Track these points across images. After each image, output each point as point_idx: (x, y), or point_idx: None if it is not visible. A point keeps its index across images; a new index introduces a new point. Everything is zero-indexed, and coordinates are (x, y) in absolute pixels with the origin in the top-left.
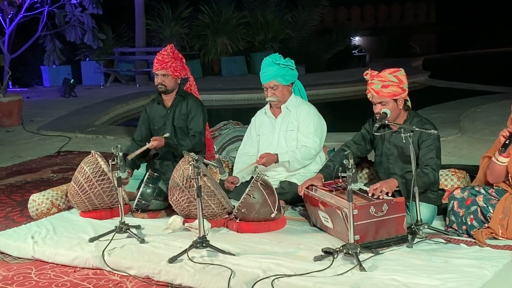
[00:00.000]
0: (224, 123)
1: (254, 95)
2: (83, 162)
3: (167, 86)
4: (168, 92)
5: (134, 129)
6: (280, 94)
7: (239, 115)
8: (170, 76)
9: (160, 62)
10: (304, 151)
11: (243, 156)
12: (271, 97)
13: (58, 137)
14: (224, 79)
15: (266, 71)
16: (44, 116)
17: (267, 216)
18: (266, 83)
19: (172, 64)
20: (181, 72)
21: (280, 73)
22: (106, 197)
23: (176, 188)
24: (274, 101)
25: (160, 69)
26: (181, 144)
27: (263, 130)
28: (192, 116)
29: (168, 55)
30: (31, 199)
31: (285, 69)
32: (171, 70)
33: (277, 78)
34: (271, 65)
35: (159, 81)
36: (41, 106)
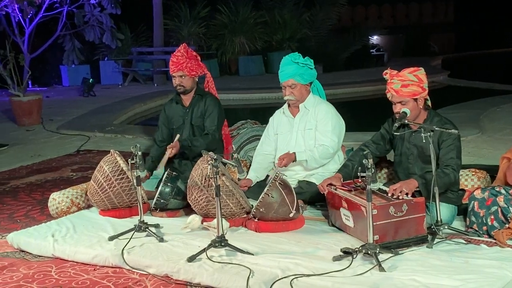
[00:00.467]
0: (242, 122)
1: (272, 94)
2: (102, 161)
3: (185, 86)
4: (187, 92)
5: (153, 129)
6: (298, 93)
7: (256, 115)
8: (187, 76)
9: (175, 64)
10: (322, 150)
11: (261, 155)
12: (289, 96)
13: (77, 136)
14: (241, 79)
15: (285, 70)
16: (63, 115)
17: (286, 216)
18: (285, 82)
19: (187, 64)
20: (197, 70)
21: (299, 72)
22: (125, 196)
23: (194, 187)
24: (292, 100)
25: (176, 71)
26: (194, 145)
27: (281, 129)
28: (208, 114)
29: (183, 55)
30: (51, 198)
31: (304, 68)
32: (188, 70)
33: (295, 77)
34: (290, 64)
35: (177, 83)
36: (60, 105)
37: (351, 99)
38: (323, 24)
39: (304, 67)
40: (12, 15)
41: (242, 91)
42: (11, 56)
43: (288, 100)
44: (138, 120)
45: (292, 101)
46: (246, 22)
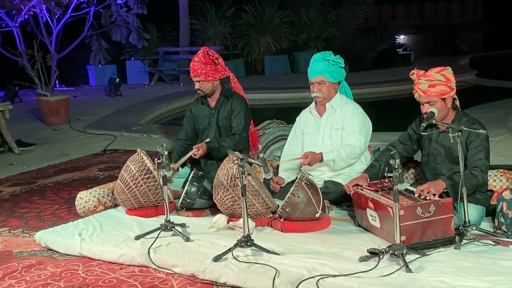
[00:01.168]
0: (268, 122)
1: (298, 94)
2: (129, 160)
3: (204, 91)
4: (209, 95)
5: (179, 128)
6: (326, 91)
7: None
8: (205, 82)
9: (192, 69)
10: (349, 150)
11: (288, 156)
12: (317, 92)
13: (104, 136)
14: (267, 78)
15: (315, 66)
16: (90, 115)
17: (312, 216)
18: (313, 78)
19: (202, 70)
20: (215, 75)
21: (329, 69)
22: (152, 195)
23: (220, 187)
24: (320, 97)
25: (194, 76)
26: (223, 146)
27: (308, 129)
28: (235, 114)
29: (199, 61)
30: (78, 197)
31: (334, 66)
32: (203, 76)
33: (325, 74)
34: (321, 61)
35: (197, 87)
36: (87, 105)
37: (378, 99)
38: (349, 23)
39: (335, 65)
40: (40, 15)
41: (267, 90)
42: (38, 56)
43: (315, 97)
44: (164, 120)
45: (319, 99)
46: (272, 21)
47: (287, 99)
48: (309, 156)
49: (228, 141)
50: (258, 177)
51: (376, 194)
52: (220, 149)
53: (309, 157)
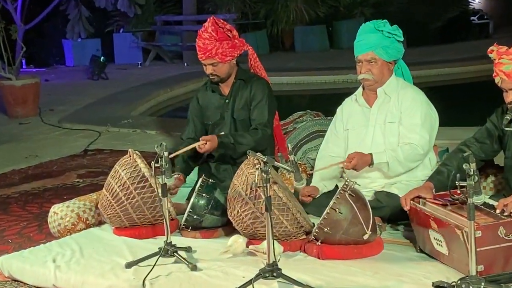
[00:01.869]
0: (300, 114)
1: (339, 77)
2: (118, 164)
3: (220, 75)
4: (224, 80)
5: (183, 122)
6: (377, 72)
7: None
8: (220, 63)
9: (203, 50)
10: (408, 150)
11: (326, 158)
12: (366, 74)
13: (85, 132)
14: (298, 56)
15: (364, 39)
16: (67, 104)
17: (358, 238)
18: (361, 55)
19: (218, 50)
20: (233, 53)
21: (383, 43)
22: (148, 209)
23: (237, 199)
24: (369, 80)
25: (205, 59)
26: (240, 142)
27: (353, 123)
28: (255, 104)
29: (211, 37)
30: (51, 212)
31: (389, 40)
32: (219, 57)
33: (377, 49)
34: (372, 32)
35: (210, 72)
36: (63, 92)
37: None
38: None
39: (390, 38)
40: None
41: (299, 72)
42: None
43: (363, 80)
44: (163, 111)
45: (368, 82)
46: None
47: (325, 83)
48: (355, 158)
49: (248, 137)
50: (287, 186)
51: (443, 209)
52: (236, 146)
53: (355, 160)
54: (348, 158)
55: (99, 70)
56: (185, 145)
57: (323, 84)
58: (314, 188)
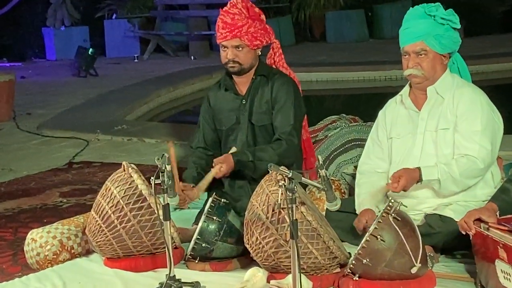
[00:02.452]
0: (333, 119)
1: (381, 73)
2: (110, 180)
3: (242, 63)
4: (245, 71)
5: (191, 128)
6: (428, 66)
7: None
8: (247, 48)
9: (229, 26)
10: (465, 163)
11: (368, 174)
12: (414, 69)
13: (70, 140)
14: (330, 47)
15: (412, 27)
16: (47, 106)
17: (405, 271)
18: (409, 46)
19: (248, 28)
20: (263, 38)
21: (435, 31)
22: (146, 236)
23: (256, 223)
24: (418, 76)
25: (230, 38)
26: (260, 158)
27: (397, 130)
28: (279, 107)
29: (241, 13)
30: (29, 238)
31: (444, 28)
32: (248, 38)
33: (428, 38)
34: (422, 18)
35: (230, 57)
36: (42, 91)
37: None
38: None
39: (445, 25)
40: None
41: (331, 67)
42: None
43: (410, 76)
44: (165, 115)
45: (416, 79)
46: None
47: (363, 81)
48: (403, 177)
49: (270, 150)
50: (317, 208)
51: (511, 236)
52: (256, 163)
53: (403, 180)
54: (394, 177)
55: (87, 64)
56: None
57: (361, 82)
58: (372, 213)
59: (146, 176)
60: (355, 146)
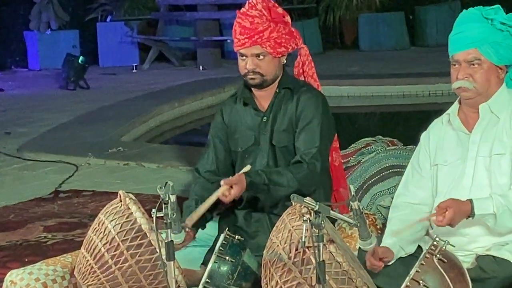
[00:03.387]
0: (367, 141)
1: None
2: (103, 213)
3: (265, 74)
4: (267, 84)
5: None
6: (481, 79)
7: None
8: (270, 56)
9: (248, 31)
10: None
11: (404, 207)
12: (464, 80)
13: (56, 165)
14: (364, 56)
15: (464, 31)
16: (30, 124)
17: None
18: (460, 53)
19: (271, 33)
20: (289, 42)
21: (492, 38)
22: (146, 279)
23: (277, 264)
24: (468, 89)
25: (249, 45)
26: (276, 182)
27: (444, 155)
28: (304, 125)
29: (261, 15)
30: (7, 281)
31: (503, 34)
32: (271, 45)
33: (483, 45)
34: (478, 21)
35: (250, 67)
36: (25, 106)
37: None
38: None
39: (504, 31)
40: None
41: (365, 80)
42: None
43: (459, 90)
44: (168, 135)
45: (467, 93)
46: None
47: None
48: (451, 209)
49: (288, 174)
50: (348, 247)
51: None
52: (271, 188)
53: (451, 212)
54: (440, 208)
55: (77, 75)
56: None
57: (400, 98)
58: (387, 250)
59: (146, 208)
60: (393, 174)
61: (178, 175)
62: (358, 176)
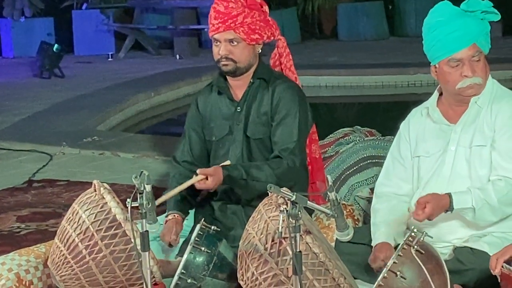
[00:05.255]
0: (345, 132)
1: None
2: (78, 202)
3: (238, 61)
4: (240, 72)
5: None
6: (484, 72)
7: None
8: (243, 43)
9: (222, 16)
10: (504, 187)
11: (386, 198)
12: (475, 77)
13: (30, 154)
14: (343, 46)
15: (460, 28)
16: (3, 113)
17: None
18: (462, 51)
19: (245, 18)
20: (264, 30)
21: (483, 29)
22: (120, 269)
23: (253, 255)
24: (479, 84)
25: (223, 30)
26: (254, 177)
27: (426, 147)
28: (280, 118)
29: (237, 1)
30: None
31: (486, 24)
32: (244, 31)
33: (479, 39)
34: (466, 16)
35: (223, 53)
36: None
37: None
38: None
39: (484, 20)
40: None
41: (344, 70)
42: None
43: (467, 88)
44: (144, 125)
45: (473, 90)
46: None
47: (382, 87)
48: (430, 204)
49: (267, 169)
50: (325, 237)
51: None
52: (249, 183)
53: (429, 207)
54: (419, 204)
55: (52, 64)
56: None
57: (379, 88)
58: (390, 248)
59: (121, 197)
60: (371, 164)
61: (154, 165)
62: (336, 166)
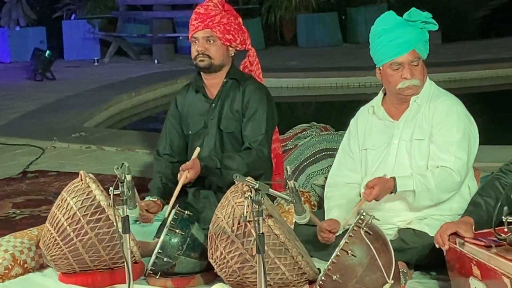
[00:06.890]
0: (303, 127)
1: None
2: (66, 191)
3: (213, 58)
4: (214, 69)
5: (155, 136)
6: (421, 75)
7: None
8: (219, 41)
9: (201, 16)
10: (440, 175)
11: (340, 186)
12: (413, 79)
13: (24, 148)
14: (301, 52)
15: (401, 36)
16: (1, 111)
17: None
18: (402, 57)
19: (221, 19)
20: (237, 34)
21: (422, 38)
22: (104, 249)
23: (221, 237)
24: (415, 86)
25: (201, 29)
26: (227, 166)
27: (372, 141)
28: (250, 115)
29: (216, 6)
30: None
31: (424, 32)
32: (220, 30)
33: (418, 45)
34: (407, 25)
35: (200, 49)
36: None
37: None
38: None
39: (424, 29)
40: None
41: (302, 73)
42: None
43: (406, 88)
44: (126, 122)
45: (412, 90)
46: None
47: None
48: (377, 186)
49: (238, 159)
50: (285, 221)
51: (487, 252)
52: (223, 172)
53: (377, 189)
54: (368, 187)
55: (44, 67)
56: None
57: (333, 88)
58: (334, 222)
59: (105, 186)
60: (326, 156)
61: (135, 157)
62: (295, 158)
